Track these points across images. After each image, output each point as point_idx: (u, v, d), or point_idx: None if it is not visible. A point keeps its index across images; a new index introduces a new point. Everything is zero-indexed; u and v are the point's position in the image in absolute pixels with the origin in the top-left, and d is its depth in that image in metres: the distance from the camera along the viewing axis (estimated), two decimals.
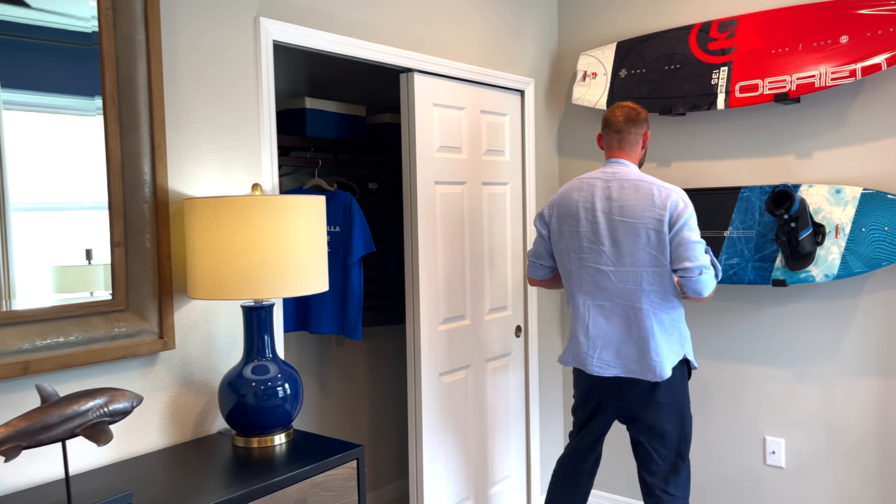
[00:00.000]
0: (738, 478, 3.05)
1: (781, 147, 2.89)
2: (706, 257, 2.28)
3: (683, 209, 2.28)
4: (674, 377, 2.36)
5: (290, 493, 1.71)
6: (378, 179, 3.45)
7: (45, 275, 1.68)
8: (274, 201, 1.79)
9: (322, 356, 3.35)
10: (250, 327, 1.94)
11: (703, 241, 2.30)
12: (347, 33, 2.46)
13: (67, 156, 1.73)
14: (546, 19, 3.43)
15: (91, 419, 1.47)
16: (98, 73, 1.76)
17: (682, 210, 2.28)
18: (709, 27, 2.96)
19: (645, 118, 2.44)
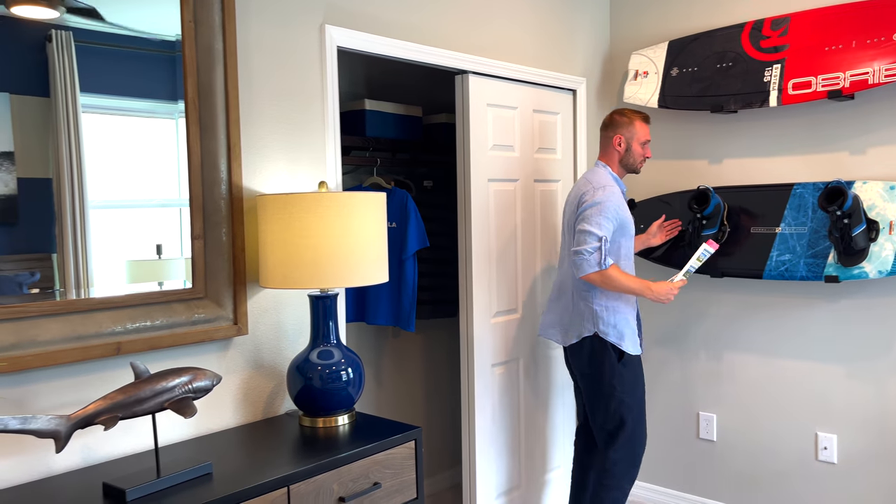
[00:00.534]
0: (790, 473, 3.06)
1: (835, 144, 2.89)
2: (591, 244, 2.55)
3: (587, 203, 2.61)
4: (584, 349, 2.69)
5: (354, 468, 1.84)
6: (433, 177, 3.56)
7: (120, 268, 1.85)
8: (340, 198, 1.92)
9: (379, 347, 3.49)
10: (316, 315, 2.08)
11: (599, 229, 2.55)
12: (405, 38, 2.58)
13: (145, 156, 1.89)
14: (598, 19, 3.49)
15: (177, 395, 1.62)
16: (179, 79, 1.92)
17: (586, 203, 2.61)
18: (761, 25, 2.98)
19: (615, 123, 2.72)
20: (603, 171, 2.70)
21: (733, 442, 3.22)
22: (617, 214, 2.60)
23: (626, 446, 2.69)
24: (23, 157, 1.68)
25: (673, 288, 2.60)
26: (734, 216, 3.06)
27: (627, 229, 2.67)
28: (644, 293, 2.58)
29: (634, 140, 2.71)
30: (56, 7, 1.71)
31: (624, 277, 2.56)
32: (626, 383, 2.66)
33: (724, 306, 3.22)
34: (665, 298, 2.60)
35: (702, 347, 3.30)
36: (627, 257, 2.70)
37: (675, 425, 3.40)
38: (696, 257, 2.59)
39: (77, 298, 1.74)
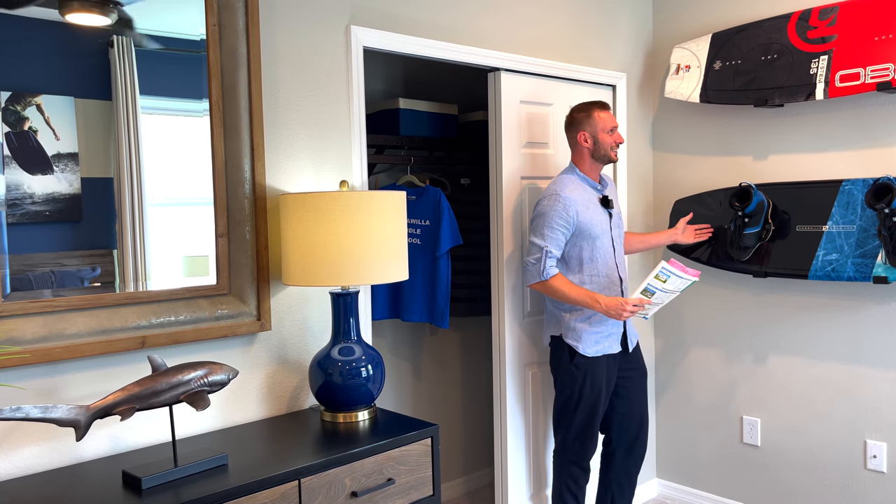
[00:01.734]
0: (837, 481, 2.94)
1: (885, 138, 2.75)
2: (534, 255, 2.59)
3: (534, 212, 2.65)
4: (552, 347, 2.74)
5: (368, 463, 1.86)
6: (470, 175, 3.56)
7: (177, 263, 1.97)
8: (356, 197, 1.95)
9: (416, 343, 3.52)
10: (337, 312, 2.11)
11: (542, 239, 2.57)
12: (435, 37, 2.58)
13: (179, 155, 1.96)
14: (640, 13, 3.42)
15: (193, 388, 1.68)
16: (204, 79, 1.98)
17: (534, 213, 2.65)
18: (809, 15, 2.86)
19: (575, 121, 2.67)
20: (562, 177, 2.67)
21: (778, 447, 3.11)
22: (567, 220, 2.58)
23: (575, 441, 2.70)
24: (86, 157, 1.80)
25: (625, 304, 2.49)
26: (779, 214, 2.95)
27: (589, 231, 2.62)
28: (591, 306, 2.54)
29: (599, 131, 2.64)
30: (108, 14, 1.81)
31: (567, 288, 2.56)
32: (576, 384, 2.66)
33: (769, 307, 3.11)
34: (616, 313, 2.50)
35: (746, 349, 3.20)
36: (592, 260, 2.65)
37: (718, 429, 3.30)
38: (655, 275, 2.42)
39: (104, 294, 1.82)
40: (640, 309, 2.51)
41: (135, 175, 1.89)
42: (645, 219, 3.48)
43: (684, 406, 3.42)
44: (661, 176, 3.47)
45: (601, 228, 2.66)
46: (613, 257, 2.72)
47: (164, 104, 1.94)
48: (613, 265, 2.71)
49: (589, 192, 2.67)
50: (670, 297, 2.54)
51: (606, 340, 2.68)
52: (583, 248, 2.64)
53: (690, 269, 2.47)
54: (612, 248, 2.72)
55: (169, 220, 1.96)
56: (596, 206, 2.67)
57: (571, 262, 2.66)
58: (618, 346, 2.71)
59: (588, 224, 2.62)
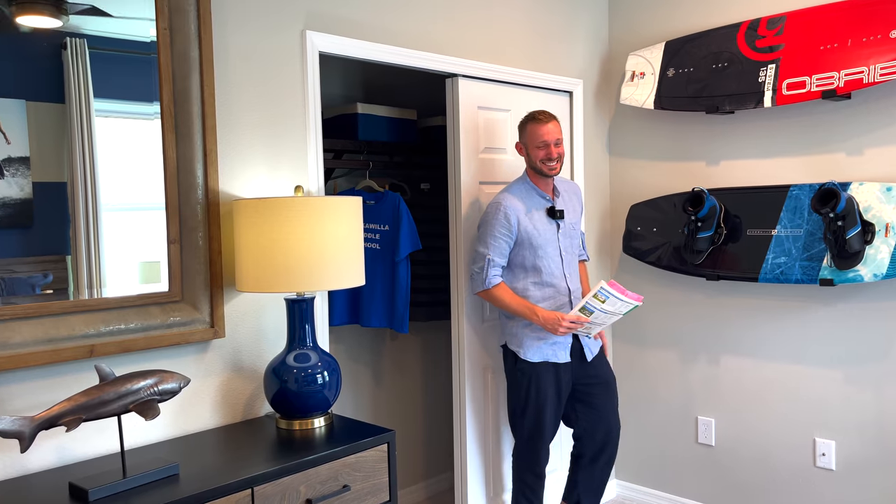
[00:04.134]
0: (788, 479, 3.01)
1: (831, 144, 2.84)
2: (478, 263, 2.64)
3: (481, 217, 2.69)
4: (502, 353, 2.77)
5: (323, 470, 1.85)
6: (431, 180, 3.57)
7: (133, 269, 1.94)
8: (311, 202, 1.94)
9: (376, 349, 3.51)
10: (292, 318, 2.10)
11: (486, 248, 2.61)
12: (393, 42, 2.59)
13: (134, 159, 1.93)
14: (596, 20, 3.47)
15: (143, 397, 1.65)
16: (155, 81, 1.95)
17: (481, 218, 2.69)
18: (757, 24, 2.94)
19: (519, 130, 2.69)
20: (510, 186, 2.70)
21: (731, 447, 3.18)
22: (508, 229, 2.60)
23: (527, 444, 2.71)
24: (38, 161, 1.77)
25: (561, 319, 2.52)
26: (731, 218, 3.02)
27: (531, 240, 2.63)
28: (530, 318, 2.58)
29: (530, 145, 2.64)
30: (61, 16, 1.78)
31: (508, 298, 2.60)
32: (521, 389, 2.68)
33: (722, 309, 3.17)
34: (552, 328, 2.53)
35: (700, 351, 3.26)
36: (536, 269, 2.65)
37: (674, 430, 3.36)
38: (593, 294, 2.43)
39: (50, 302, 1.78)
40: (577, 326, 2.54)
41: (89, 179, 1.86)
42: (602, 223, 3.53)
43: (642, 407, 3.47)
44: (618, 181, 3.52)
45: (545, 238, 2.66)
46: (561, 268, 2.71)
47: (118, 107, 1.91)
48: (560, 276, 2.70)
49: (535, 201, 2.68)
50: (612, 317, 2.53)
51: (551, 348, 2.67)
52: (525, 257, 2.65)
53: (631, 293, 2.47)
54: (559, 258, 2.70)
55: (124, 225, 1.93)
56: (541, 216, 2.67)
57: (516, 270, 2.68)
58: (564, 356, 2.68)
59: (530, 233, 2.63)
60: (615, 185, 3.54)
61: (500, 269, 2.64)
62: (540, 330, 2.65)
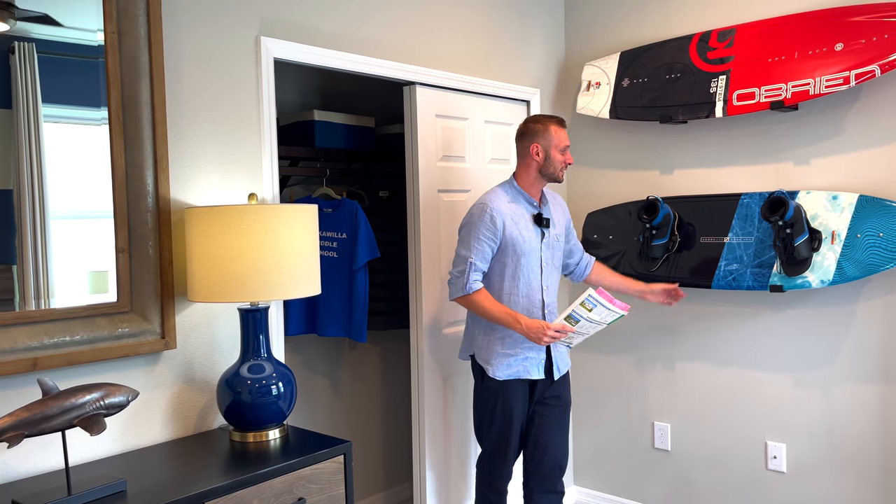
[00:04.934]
0: (741, 482, 3.06)
1: (780, 154, 2.91)
2: (458, 267, 2.49)
3: (461, 223, 2.57)
4: (472, 365, 2.65)
5: (277, 483, 1.82)
6: (389, 188, 3.56)
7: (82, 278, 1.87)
8: (265, 210, 1.91)
9: (334, 359, 3.47)
10: (246, 328, 2.06)
11: (468, 251, 2.48)
12: (349, 49, 2.57)
13: (83, 165, 1.88)
14: (552, 31, 3.51)
15: (88, 411, 1.60)
16: (103, 86, 1.90)
17: (463, 220, 2.57)
18: (708, 36, 3.00)
19: (529, 131, 2.56)
20: (495, 189, 2.58)
21: (687, 451, 3.22)
22: (493, 232, 2.47)
23: (489, 460, 2.62)
24: None
25: (546, 328, 2.37)
26: (684, 226, 3.07)
27: (515, 248, 2.50)
28: (512, 326, 2.42)
29: (552, 147, 2.52)
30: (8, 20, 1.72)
31: (489, 304, 2.45)
32: (487, 407, 2.56)
33: (677, 315, 3.22)
34: (536, 337, 2.38)
35: (656, 357, 3.30)
36: (514, 278, 2.52)
37: (630, 435, 3.40)
38: (580, 303, 2.32)
39: None
40: (562, 335, 2.41)
41: (36, 186, 1.80)
42: None
43: (599, 414, 3.50)
44: (575, 189, 3.56)
45: (529, 246, 2.53)
46: (539, 279, 2.57)
47: (67, 112, 1.85)
48: (538, 287, 2.57)
49: (522, 207, 2.56)
50: (596, 328, 2.44)
51: (521, 364, 2.54)
52: (506, 265, 2.52)
53: (618, 301, 2.35)
54: (539, 268, 2.57)
55: (73, 233, 1.87)
56: (527, 223, 2.54)
57: (492, 277, 2.54)
58: (537, 372, 2.55)
59: (515, 240, 2.50)
60: (572, 193, 3.57)
61: (481, 274, 2.49)
62: (511, 345, 2.52)
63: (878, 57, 2.54)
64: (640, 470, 3.37)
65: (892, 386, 2.68)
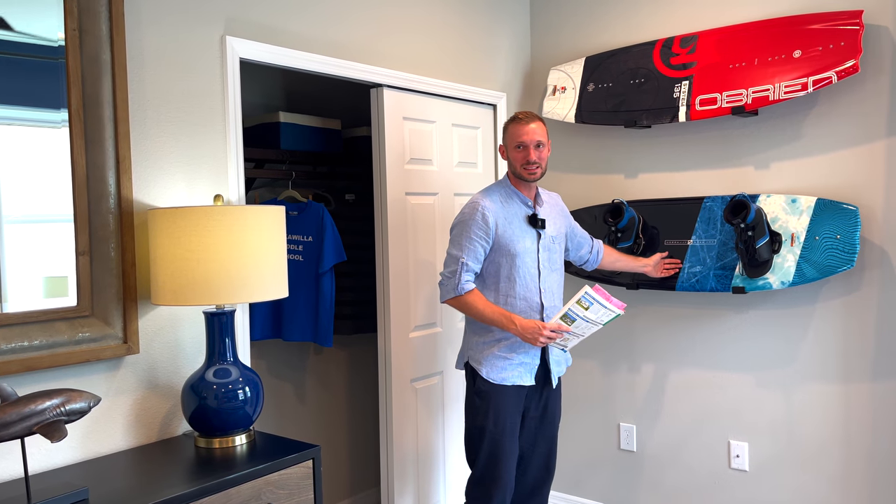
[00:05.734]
0: (705, 481, 3.11)
1: (742, 158, 2.97)
2: (450, 268, 2.44)
3: (456, 218, 2.51)
4: (466, 373, 2.56)
5: (244, 490, 1.79)
6: (355, 191, 3.54)
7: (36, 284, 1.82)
8: (231, 211, 1.88)
9: (299, 364, 3.43)
10: (212, 332, 2.03)
11: (460, 251, 2.42)
12: (316, 51, 2.55)
13: (40, 168, 1.82)
14: (519, 35, 3.53)
15: (48, 418, 1.55)
16: (63, 87, 1.85)
17: (455, 219, 2.51)
18: (671, 42, 3.06)
19: (503, 129, 2.55)
20: (489, 187, 2.55)
21: (652, 452, 3.26)
22: (486, 232, 2.42)
23: (478, 483, 2.48)
24: None
25: (542, 328, 2.32)
26: (649, 229, 3.11)
27: (508, 248, 2.44)
28: (506, 326, 2.36)
29: (510, 146, 2.49)
30: None
31: (482, 305, 2.38)
32: (478, 415, 2.46)
33: (642, 317, 3.26)
34: (532, 337, 2.33)
35: (622, 358, 3.34)
36: (509, 279, 2.45)
37: (596, 437, 3.42)
38: (577, 301, 2.26)
39: None
40: (558, 336, 2.34)
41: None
42: None
43: (566, 416, 3.52)
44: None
45: (524, 247, 2.46)
46: (537, 281, 2.48)
47: (23, 114, 1.80)
48: (535, 289, 2.48)
49: (516, 207, 2.49)
50: (593, 328, 2.38)
51: (517, 369, 2.45)
52: (500, 266, 2.44)
53: (615, 299, 2.30)
54: (536, 270, 2.49)
55: (29, 238, 1.81)
56: (521, 223, 2.47)
57: (487, 279, 2.47)
58: (530, 378, 2.48)
59: (508, 240, 2.43)
60: None
61: (473, 274, 2.41)
62: (507, 349, 2.44)
63: (835, 64, 2.62)
64: (607, 471, 3.40)
65: (850, 384, 2.75)
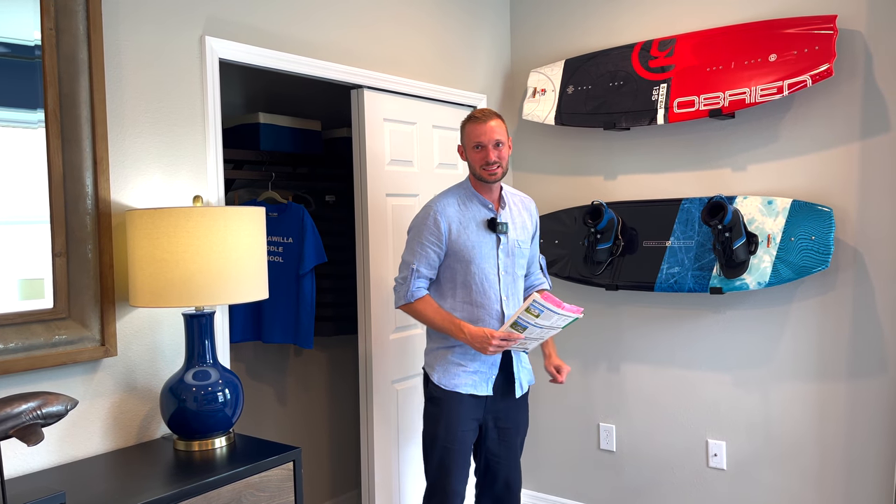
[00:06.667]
0: (684, 480, 3.14)
1: (719, 160, 3.01)
2: (401, 273, 2.39)
3: (411, 222, 2.44)
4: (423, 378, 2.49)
5: (224, 492, 1.78)
6: (336, 192, 3.53)
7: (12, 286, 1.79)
8: (211, 212, 1.87)
9: (280, 366, 3.41)
10: (191, 334, 2.01)
11: (412, 256, 2.37)
12: (297, 51, 2.54)
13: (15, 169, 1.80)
14: (499, 37, 3.54)
15: (24, 421, 1.53)
16: (40, 87, 1.83)
17: (411, 223, 2.45)
18: (650, 46, 3.09)
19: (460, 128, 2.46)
20: (448, 189, 2.46)
21: (632, 451, 3.28)
22: (438, 237, 2.34)
23: (431, 495, 2.42)
24: None
25: (490, 337, 2.23)
26: (628, 230, 3.14)
27: (463, 253, 2.35)
28: (455, 335, 2.29)
29: (467, 147, 2.40)
30: None
31: (432, 312, 2.33)
32: (429, 421, 2.40)
33: (621, 318, 3.29)
34: (481, 346, 2.24)
35: (601, 359, 3.36)
36: (465, 286, 2.36)
37: (576, 437, 3.44)
38: (526, 309, 2.16)
39: None
40: (509, 344, 2.25)
41: None
42: None
43: (545, 416, 3.54)
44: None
45: (480, 252, 2.36)
46: (497, 288, 2.38)
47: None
48: (495, 297, 2.37)
49: (474, 210, 2.40)
50: (551, 331, 2.31)
51: (470, 377, 2.37)
52: (456, 271, 2.37)
53: (569, 305, 2.23)
54: (495, 276, 2.38)
55: (4, 239, 1.78)
56: (478, 227, 2.38)
57: (443, 286, 2.40)
58: (486, 388, 2.38)
59: (463, 244, 2.35)
60: None
61: (426, 281, 2.36)
62: (462, 355, 2.37)
63: (810, 68, 2.66)
64: (587, 471, 3.42)
65: (826, 383, 2.80)
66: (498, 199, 2.46)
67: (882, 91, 2.65)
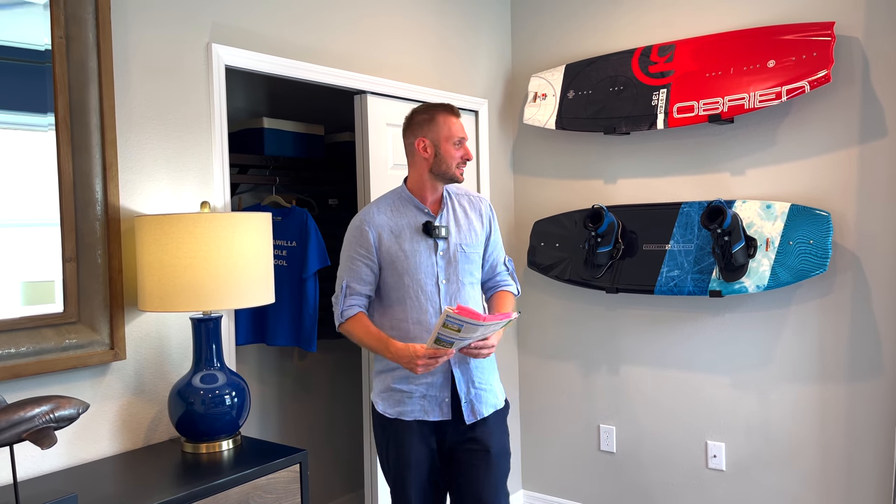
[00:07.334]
0: (683, 481, 3.17)
1: (718, 165, 3.04)
2: (336, 292, 2.21)
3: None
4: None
5: (232, 494, 1.80)
6: (338, 196, 3.55)
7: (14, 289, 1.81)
8: (218, 218, 1.90)
9: (283, 368, 3.44)
10: (199, 338, 2.04)
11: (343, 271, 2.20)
12: (301, 58, 2.57)
13: (23, 172, 1.82)
14: (500, 42, 3.58)
15: (37, 424, 1.56)
16: (50, 91, 1.86)
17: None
18: (650, 51, 3.12)
19: (415, 123, 2.17)
20: (381, 196, 2.27)
21: (632, 453, 3.31)
22: (367, 248, 2.14)
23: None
24: None
25: (415, 355, 1.99)
26: (628, 234, 3.17)
27: (395, 265, 2.14)
28: (383, 353, 2.08)
29: (443, 140, 2.12)
30: None
31: (362, 331, 2.10)
32: (380, 447, 2.21)
33: (621, 320, 3.32)
34: (408, 366, 2.01)
35: (601, 361, 3.39)
36: (400, 301, 2.15)
37: (577, 438, 3.47)
38: (442, 325, 1.90)
39: None
40: (439, 361, 2.00)
41: None
42: (508, 238, 3.62)
43: (546, 417, 3.57)
44: (522, 198, 3.63)
45: (415, 262, 2.14)
46: (437, 299, 2.15)
47: (7, 118, 1.80)
48: (433, 310, 2.15)
49: (409, 216, 2.18)
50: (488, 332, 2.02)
51: (417, 403, 2.14)
52: (390, 286, 2.15)
53: (492, 315, 2.06)
54: (435, 286, 2.16)
55: (14, 243, 1.81)
56: (413, 234, 2.15)
57: (383, 301, 2.19)
58: (439, 413, 2.14)
59: (394, 255, 2.14)
60: (519, 202, 3.64)
61: (360, 297, 2.15)
62: (404, 379, 2.14)
63: (808, 74, 2.69)
64: (587, 472, 3.45)
65: (824, 385, 2.83)
66: (439, 200, 2.24)
67: (879, 97, 2.68)
